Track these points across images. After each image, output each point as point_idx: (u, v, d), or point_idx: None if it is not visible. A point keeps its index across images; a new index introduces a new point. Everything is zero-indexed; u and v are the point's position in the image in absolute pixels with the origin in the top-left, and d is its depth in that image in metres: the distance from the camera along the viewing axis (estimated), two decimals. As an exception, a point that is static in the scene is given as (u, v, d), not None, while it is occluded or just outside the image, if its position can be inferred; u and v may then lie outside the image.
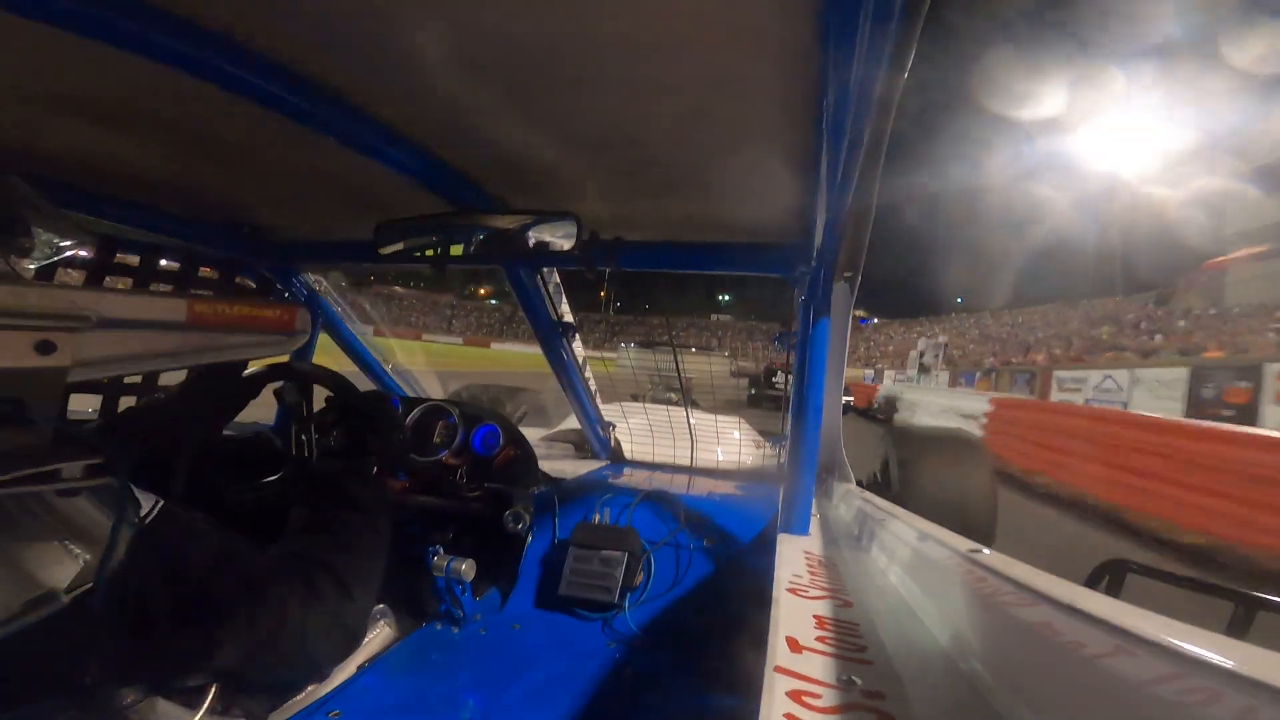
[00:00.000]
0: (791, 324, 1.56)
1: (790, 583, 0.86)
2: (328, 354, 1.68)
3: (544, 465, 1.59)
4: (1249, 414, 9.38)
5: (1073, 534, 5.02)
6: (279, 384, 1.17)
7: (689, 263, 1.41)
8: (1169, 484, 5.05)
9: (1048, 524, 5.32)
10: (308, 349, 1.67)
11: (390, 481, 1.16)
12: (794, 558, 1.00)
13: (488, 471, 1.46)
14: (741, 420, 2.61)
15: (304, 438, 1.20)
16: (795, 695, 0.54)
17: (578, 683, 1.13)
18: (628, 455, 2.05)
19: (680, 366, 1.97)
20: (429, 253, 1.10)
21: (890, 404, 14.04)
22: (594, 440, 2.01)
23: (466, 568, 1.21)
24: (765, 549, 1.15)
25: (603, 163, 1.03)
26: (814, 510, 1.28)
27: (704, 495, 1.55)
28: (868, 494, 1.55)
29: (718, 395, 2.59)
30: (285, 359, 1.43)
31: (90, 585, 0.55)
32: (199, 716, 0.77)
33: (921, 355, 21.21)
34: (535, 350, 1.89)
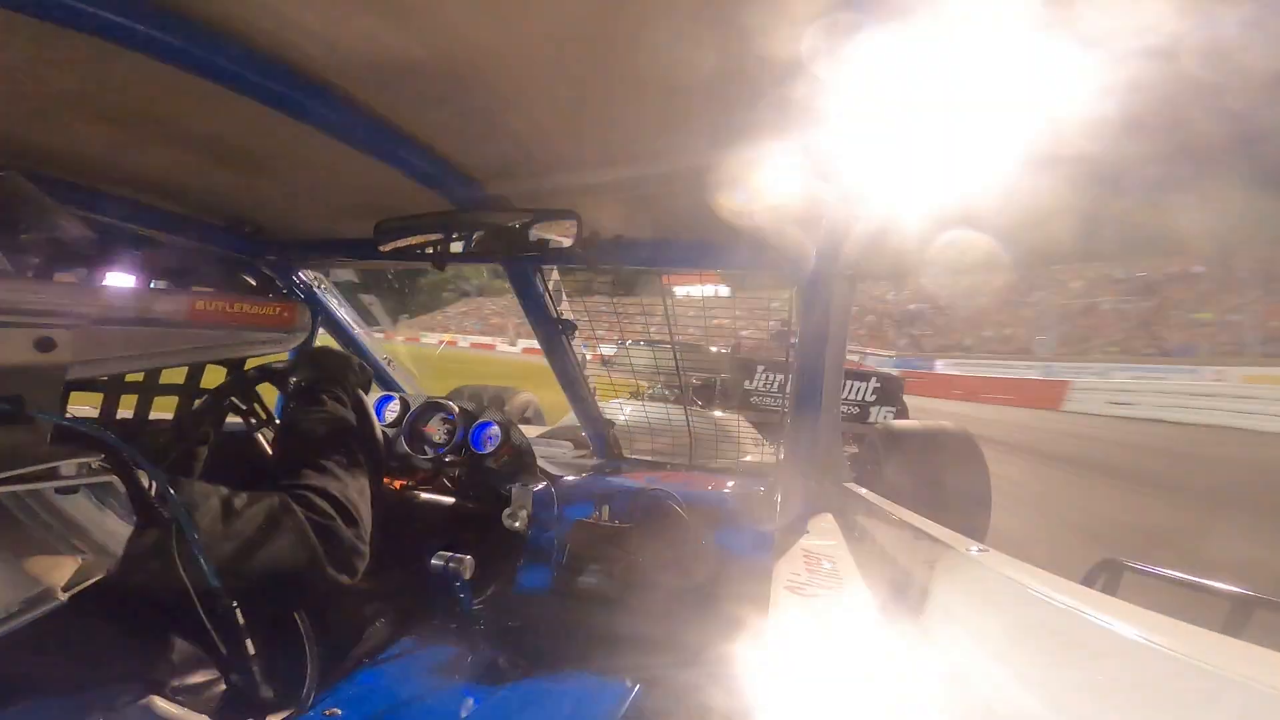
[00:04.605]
0: (791, 322, 1.56)
1: (789, 580, 0.86)
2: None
3: (543, 463, 1.60)
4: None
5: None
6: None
7: (690, 261, 1.41)
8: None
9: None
10: (307, 346, 1.67)
11: (386, 480, 1.17)
12: (792, 555, 1.00)
13: (486, 469, 1.46)
14: (741, 418, 2.61)
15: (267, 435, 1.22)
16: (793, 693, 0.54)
17: (576, 681, 1.13)
18: (627, 453, 2.05)
19: (679, 364, 1.97)
20: (429, 250, 1.10)
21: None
22: (593, 438, 2.01)
23: (465, 566, 1.21)
24: (764, 547, 1.15)
25: (603, 162, 1.03)
26: (812, 508, 1.28)
27: (703, 493, 1.55)
28: (866, 491, 1.55)
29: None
30: (283, 356, 1.43)
31: (89, 584, 0.55)
32: (199, 715, 0.77)
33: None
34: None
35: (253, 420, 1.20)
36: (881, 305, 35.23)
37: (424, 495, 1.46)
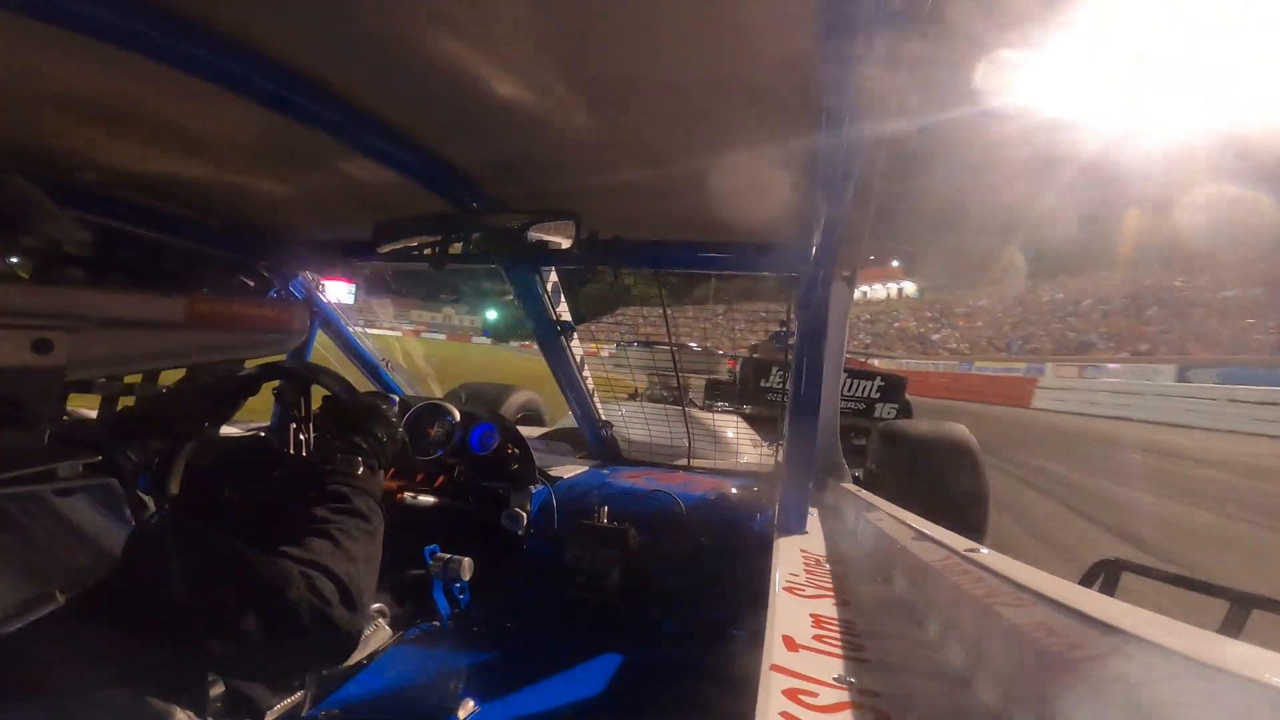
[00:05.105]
0: (789, 323, 1.56)
1: (787, 581, 0.86)
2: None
3: (541, 464, 1.59)
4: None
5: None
6: (277, 384, 1.17)
7: (688, 262, 1.41)
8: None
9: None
10: (305, 347, 1.67)
11: (385, 480, 1.15)
12: (791, 557, 1.00)
13: (485, 470, 1.46)
14: (739, 419, 2.61)
15: (301, 438, 1.20)
16: (792, 693, 0.54)
17: (575, 681, 1.13)
18: (625, 455, 2.05)
19: (678, 366, 1.97)
20: (428, 252, 1.10)
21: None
22: (592, 439, 2.01)
23: (464, 567, 1.21)
24: (762, 548, 1.15)
25: (602, 162, 1.03)
26: (811, 509, 1.28)
27: (701, 494, 1.55)
28: (865, 493, 1.55)
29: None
30: (283, 358, 1.43)
31: (88, 585, 0.55)
32: (199, 716, 0.77)
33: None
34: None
35: (293, 414, 1.19)
36: (1164, 295, 25.06)
37: (423, 497, 1.46)
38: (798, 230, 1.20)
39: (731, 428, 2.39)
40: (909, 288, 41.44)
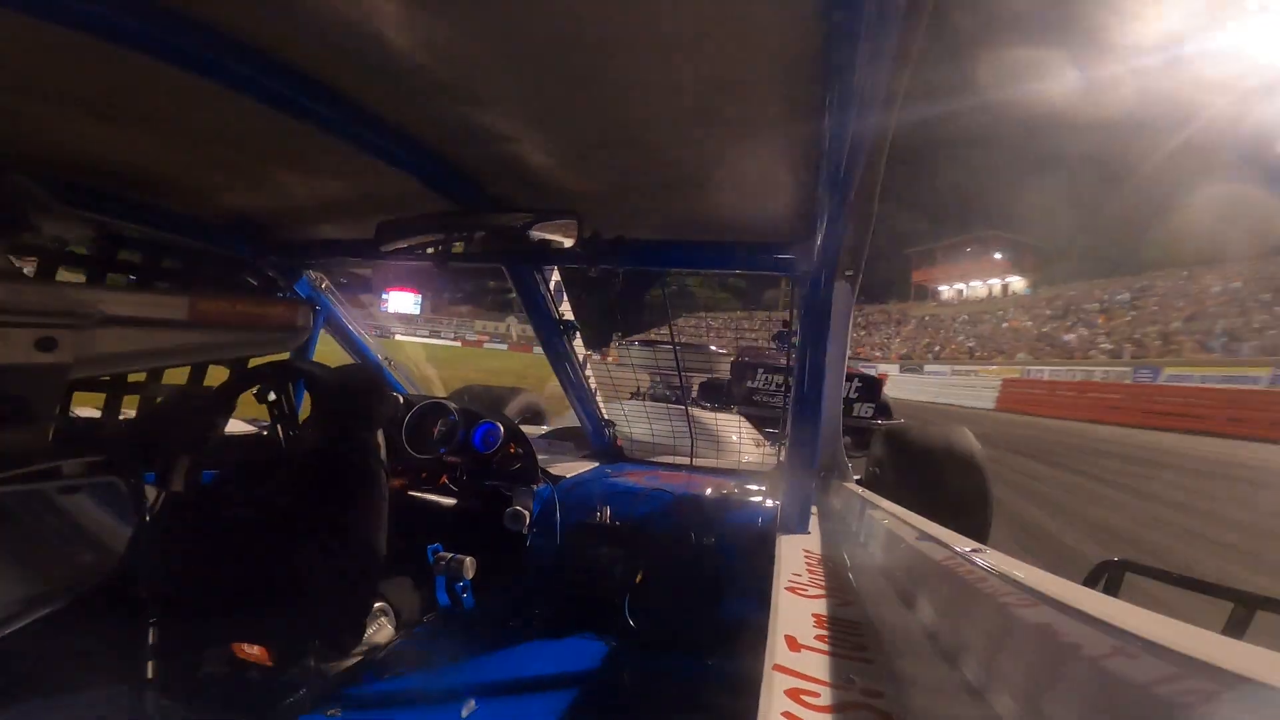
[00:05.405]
0: (792, 322, 1.56)
1: (790, 581, 0.86)
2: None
3: (544, 463, 1.60)
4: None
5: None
6: (254, 389, 1.17)
7: (691, 261, 1.41)
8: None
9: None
10: (308, 346, 1.67)
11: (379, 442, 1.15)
12: (794, 556, 1.00)
13: (488, 469, 1.46)
14: (742, 419, 2.61)
15: (292, 432, 1.21)
16: (794, 693, 0.54)
17: (577, 680, 1.13)
18: (628, 454, 2.05)
19: (680, 365, 1.97)
20: (430, 251, 1.10)
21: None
22: (594, 438, 2.01)
23: (467, 566, 1.21)
24: (765, 547, 1.15)
25: (605, 161, 1.03)
26: (814, 509, 1.28)
27: (704, 494, 1.55)
28: (868, 493, 1.55)
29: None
30: (286, 356, 1.43)
31: (91, 583, 0.55)
32: (199, 715, 0.78)
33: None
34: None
35: (276, 413, 1.20)
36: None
37: (425, 495, 1.46)
38: (801, 229, 1.20)
39: (734, 427, 2.39)
40: (1016, 282, 36.91)
